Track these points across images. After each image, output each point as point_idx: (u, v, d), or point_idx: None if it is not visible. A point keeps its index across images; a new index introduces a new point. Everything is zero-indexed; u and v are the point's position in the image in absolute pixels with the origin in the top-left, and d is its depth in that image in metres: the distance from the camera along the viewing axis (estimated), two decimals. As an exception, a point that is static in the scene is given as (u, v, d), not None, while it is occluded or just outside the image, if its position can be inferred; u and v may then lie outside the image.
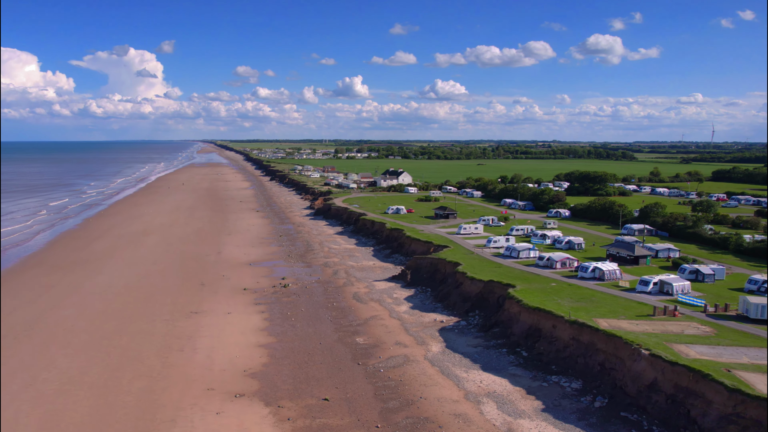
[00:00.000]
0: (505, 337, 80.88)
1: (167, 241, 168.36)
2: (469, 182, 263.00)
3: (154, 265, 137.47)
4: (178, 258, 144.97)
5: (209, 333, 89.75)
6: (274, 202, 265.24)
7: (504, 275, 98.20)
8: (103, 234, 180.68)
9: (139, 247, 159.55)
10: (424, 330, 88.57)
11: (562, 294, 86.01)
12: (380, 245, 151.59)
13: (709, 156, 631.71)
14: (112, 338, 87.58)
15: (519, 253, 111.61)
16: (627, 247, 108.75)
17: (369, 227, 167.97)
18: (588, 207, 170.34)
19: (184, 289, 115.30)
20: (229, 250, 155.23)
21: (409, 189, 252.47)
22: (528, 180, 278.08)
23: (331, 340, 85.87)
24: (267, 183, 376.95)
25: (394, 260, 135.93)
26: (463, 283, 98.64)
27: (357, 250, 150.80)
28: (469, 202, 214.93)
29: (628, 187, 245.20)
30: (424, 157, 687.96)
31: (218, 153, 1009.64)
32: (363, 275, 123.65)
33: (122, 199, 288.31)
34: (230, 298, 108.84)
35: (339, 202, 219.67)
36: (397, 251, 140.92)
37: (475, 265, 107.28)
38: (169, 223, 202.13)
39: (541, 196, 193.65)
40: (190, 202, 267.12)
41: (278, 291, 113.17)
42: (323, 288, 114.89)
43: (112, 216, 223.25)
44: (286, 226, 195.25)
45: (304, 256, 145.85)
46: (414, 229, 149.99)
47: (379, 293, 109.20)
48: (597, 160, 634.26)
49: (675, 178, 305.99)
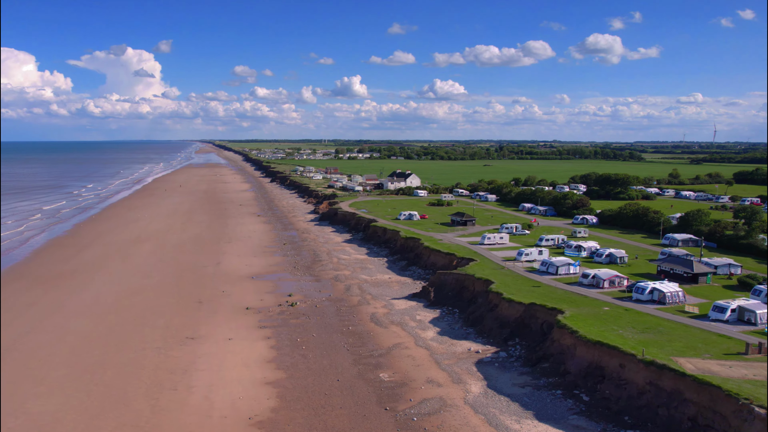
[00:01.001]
0: (558, 374, 68.32)
1: (162, 250, 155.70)
2: (481, 185, 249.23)
3: (147, 278, 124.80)
4: (173, 270, 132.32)
5: (207, 365, 77.23)
6: (276, 206, 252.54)
7: (546, 296, 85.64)
8: (93, 241, 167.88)
9: (131, 256, 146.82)
10: (458, 363, 75.99)
11: (621, 322, 73.45)
12: (394, 256, 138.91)
13: (718, 156, 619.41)
14: (95, 372, 75.03)
15: (557, 268, 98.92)
16: (682, 262, 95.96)
17: (381, 235, 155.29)
18: (618, 213, 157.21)
19: (180, 308, 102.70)
20: (229, 260, 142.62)
21: (418, 192, 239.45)
22: (542, 182, 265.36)
23: (351, 376, 73.32)
24: (267, 185, 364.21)
25: (412, 274, 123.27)
26: (499, 306, 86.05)
27: (369, 261, 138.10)
28: (484, 207, 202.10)
29: (650, 190, 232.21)
30: (427, 158, 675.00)
31: (217, 153, 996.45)
32: (379, 292, 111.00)
33: (117, 202, 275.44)
34: (231, 320, 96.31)
35: (345, 206, 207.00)
36: (414, 263, 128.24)
37: (509, 283, 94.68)
38: (164, 229, 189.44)
39: (563, 200, 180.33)
40: (188, 206, 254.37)
41: (285, 311, 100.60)
42: (335, 307, 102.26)
43: (105, 221, 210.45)
44: (290, 232, 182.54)
45: (311, 267, 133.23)
46: (431, 239, 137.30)
47: (399, 314, 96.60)
48: (604, 161, 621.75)
49: (695, 180, 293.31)
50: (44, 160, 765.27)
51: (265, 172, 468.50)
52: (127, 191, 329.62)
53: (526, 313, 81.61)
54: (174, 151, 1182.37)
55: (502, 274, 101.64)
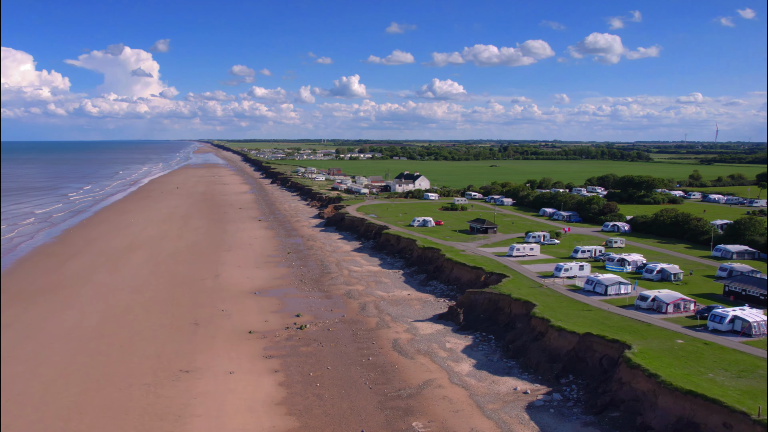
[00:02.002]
0: (635, 429, 55.71)
1: (156, 260, 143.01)
2: (495, 187, 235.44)
3: (138, 294, 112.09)
4: (167, 284, 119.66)
5: (204, 408, 64.66)
6: (278, 210, 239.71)
7: (601, 324, 73.08)
8: (82, 250, 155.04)
9: (122, 268, 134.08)
10: (505, 408, 63.36)
11: (706, 361, 60.89)
12: (411, 268, 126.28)
13: (728, 157, 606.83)
14: (70, 418, 62.55)
15: (606, 288, 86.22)
16: (756, 282, 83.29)
17: (394, 244, 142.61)
18: (654, 220, 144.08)
19: (173, 332, 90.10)
20: (229, 271, 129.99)
21: (428, 195, 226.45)
22: (558, 185, 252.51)
23: (377, 425, 60.75)
24: (268, 186, 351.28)
25: (434, 289, 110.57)
26: (546, 335, 73.51)
27: (383, 273, 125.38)
28: (502, 212, 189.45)
29: (674, 193, 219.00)
30: (430, 158, 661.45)
31: (215, 153, 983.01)
32: (399, 312, 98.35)
33: (110, 205, 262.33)
34: (232, 347, 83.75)
35: (352, 210, 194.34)
36: (434, 277, 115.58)
37: (554, 306, 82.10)
38: (159, 236, 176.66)
39: (589, 205, 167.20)
40: (185, 209, 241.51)
41: (293, 335, 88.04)
42: (351, 331, 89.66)
43: (96, 226, 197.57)
44: (294, 239, 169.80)
45: (319, 281, 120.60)
46: (452, 249, 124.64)
47: (426, 341, 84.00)
48: (611, 162, 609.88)
49: (717, 181, 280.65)
50: (41, 161, 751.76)
51: (265, 173, 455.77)
52: (121, 193, 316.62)
53: (580, 346, 69.06)
54: (172, 151, 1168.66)
55: (541, 294, 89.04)
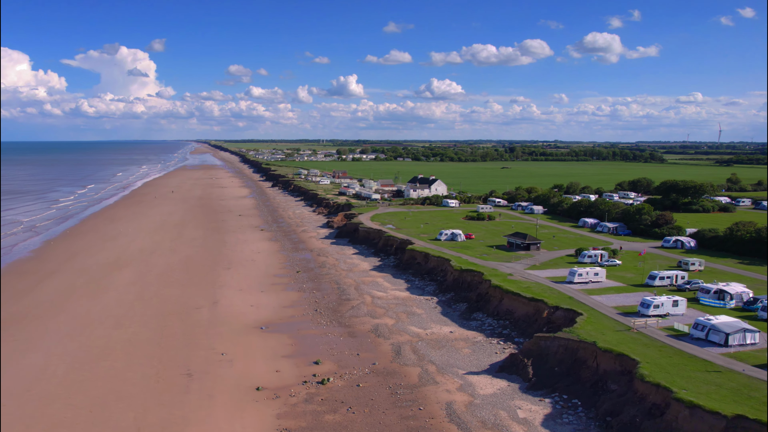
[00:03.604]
0: None
1: (143, 280, 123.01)
2: (520, 193, 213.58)
3: (119, 328, 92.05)
4: (155, 313, 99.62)
5: None
6: (281, 217, 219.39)
7: (749, 398, 53.04)
8: (60, 267, 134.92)
9: (103, 291, 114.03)
10: None
11: None
12: (446, 294, 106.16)
13: (745, 158, 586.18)
14: None
15: (728, 337, 66.06)
16: None
17: (422, 263, 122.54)
18: (730, 235, 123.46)
19: (160, 388, 70.18)
20: (229, 297, 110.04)
21: (448, 202, 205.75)
22: (587, 190, 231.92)
23: None
24: (269, 190, 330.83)
25: (481, 325, 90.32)
26: (669, 411, 53.56)
27: (413, 301, 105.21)
28: (537, 223, 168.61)
29: (720, 199, 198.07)
30: (435, 159, 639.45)
31: (212, 154, 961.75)
32: (444, 358, 78.26)
33: (99, 211, 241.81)
34: (236, 412, 63.94)
35: (366, 219, 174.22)
36: (478, 308, 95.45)
37: (662, 364, 62.03)
38: (149, 249, 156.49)
39: (638, 216, 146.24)
40: (179, 216, 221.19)
41: (314, 394, 68.16)
42: (388, 388, 69.64)
43: (81, 236, 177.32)
44: (303, 254, 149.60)
45: (338, 311, 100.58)
46: (496, 272, 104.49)
47: (490, 406, 63.97)
48: (623, 163, 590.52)
49: (758, 185, 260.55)
50: (37, 162, 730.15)
51: (265, 175, 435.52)
52: (113, 198, 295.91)
53: None
54: (169, 151, 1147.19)
55: (634, 341, 69.07)
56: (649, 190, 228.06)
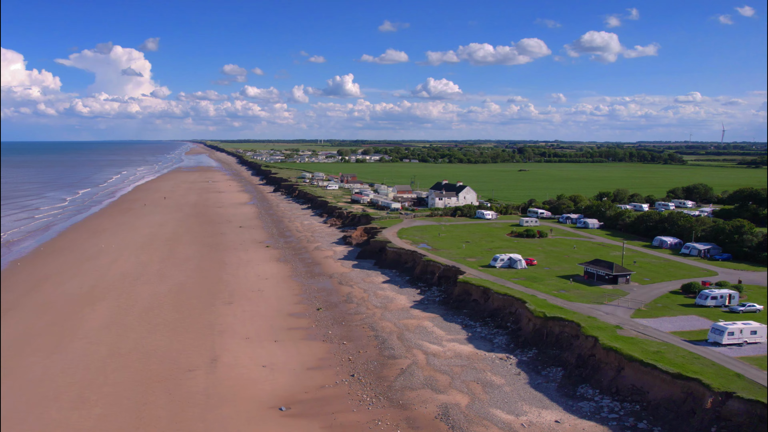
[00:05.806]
0: None
1: (122, 322, 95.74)
2: (564, 202, 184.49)
3: (79, 408, 64.75)
4: (133, 382, 72.34)
5: None
6: (288, 229, 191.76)
7: None
8: (19, 301, 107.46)
9: (68, 341, 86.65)
10: None
11: None
12: (525, 350, 78.82)
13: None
14: None
15: None
16: None
17: (479, 300, 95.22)
18: None
19: None
20: (233, 351, 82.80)
21: (484, 214, 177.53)
22: (636, 198, 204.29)
23: None
24: (270, 196, 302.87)
25: (598, 410, 62.77)
26: None
27: (483, 361, 77.75)
28: (598, 240, 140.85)
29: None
30: (444, 161, 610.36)
31: (208, 154, 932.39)
32: (569, 480, 51.01)
33: (81, 221, 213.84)
34: None
35: (392, 236, 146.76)
36: (584, 378, 68.31)
37: None
38: (133, 274, 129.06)
39: (737, 235, 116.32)
40: (171, 229, 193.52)
41: None
42: None
43: (54, 256, 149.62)
44: (321, 282, 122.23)
45: (383, 376, 73.35)
46: (597, 323, 77.02)
47: None
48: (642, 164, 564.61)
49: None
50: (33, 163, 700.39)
51: (265, 177, 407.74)
52: (98, 206, 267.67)
53: None
54: (163, 152, 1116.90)
55: None
56: (707, 197, 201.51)
